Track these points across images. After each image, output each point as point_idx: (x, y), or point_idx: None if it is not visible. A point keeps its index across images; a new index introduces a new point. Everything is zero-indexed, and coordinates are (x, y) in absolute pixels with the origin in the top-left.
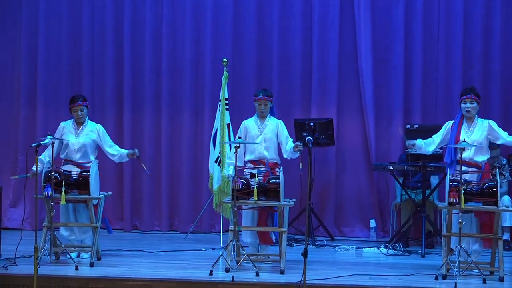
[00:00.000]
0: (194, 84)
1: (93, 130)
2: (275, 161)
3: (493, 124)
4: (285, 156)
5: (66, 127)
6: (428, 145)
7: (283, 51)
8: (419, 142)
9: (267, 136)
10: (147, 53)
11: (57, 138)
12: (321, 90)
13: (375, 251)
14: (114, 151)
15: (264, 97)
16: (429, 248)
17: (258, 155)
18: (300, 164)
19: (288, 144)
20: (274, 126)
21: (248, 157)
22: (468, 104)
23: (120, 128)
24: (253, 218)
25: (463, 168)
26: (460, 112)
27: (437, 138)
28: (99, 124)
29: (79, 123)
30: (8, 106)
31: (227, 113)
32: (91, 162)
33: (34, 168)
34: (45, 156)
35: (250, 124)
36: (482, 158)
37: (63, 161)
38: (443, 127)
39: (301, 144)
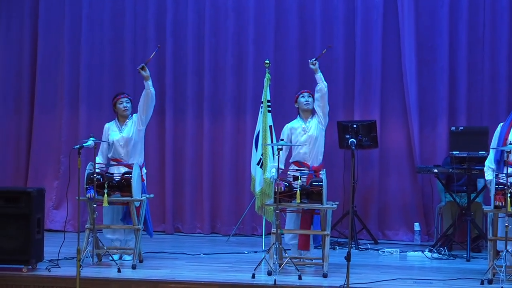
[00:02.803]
0: (236, 86)
1: (132, 121)
2: (319, 163)
3: None
4: (317, 89)
5: (110, 127)
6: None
7: (326, 52)
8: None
9: (312, 135)
10: (189, 54)
11: (100, 140)
12: (364, 91)
13: (419, 255)
14: (140, 109)
15: (307, 91)
16: (475, 252)
17: (302, 157)
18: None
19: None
20: (317, 124)
21: (291, 159)
22: None
23: (162, 130)
24: (297, 221)
25: (510, 170)
26: None
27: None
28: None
29: (123, 119)
30: (51, 108)
31: (269, 115)
32: (137, 162)
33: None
34: (100, 157)
35: (294, 125)
36: None
37: (110, 161)
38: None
39: (313, 59)
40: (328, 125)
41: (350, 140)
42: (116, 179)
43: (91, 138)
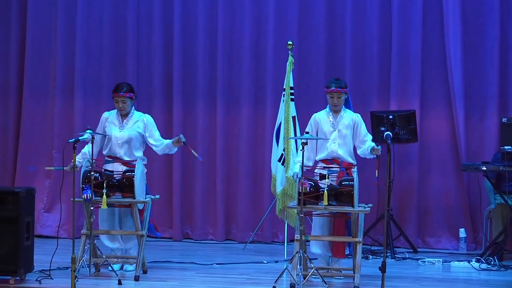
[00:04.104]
0: (254, 71)
1: (139, 121)
2: (351, 160)
3: None
4: (359, 152)
5: (109, 118)
6: None
7: (358, 33)
8: None
9: (342, 132)
10: (200, 36)
11: (98, 133)
12: (402, 78)
13: (465, 266)
14: (157, 141)
15: (337, 89)
16: None
17: (331, 154)
18: (376, 171)
19: (367, 144)
20: (350, 121)
21: (319, 156)
22: None
23: (169, 122)
24: (324, 226)
25: None
26: None
27: None
28: (147, 114)
29: (124, 114)
30: (42, 96)
31: (292, 104)
32: (135, 160)
33: (73, 161)
34: (89, 150)
35: (322, 118)
36: None
37: (105, 158)
38: None
39: (380, 148)
40: (362, 116)
41: (386, 133)
42: (117, 178)
43: (88, 131)
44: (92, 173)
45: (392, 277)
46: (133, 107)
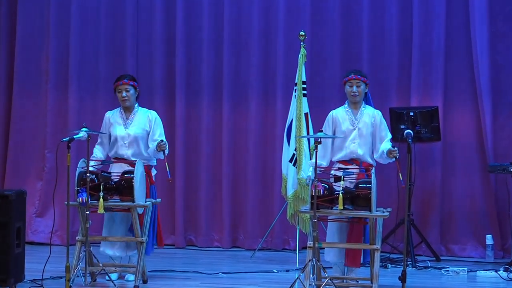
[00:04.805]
0: (263, 64)
1: (145, 118)
2: (371, 161)
3: None
4: (375, 157)
5: (112, 117)
6: None
7: (376, 22)
8: None
9: (363, 131)
10: (205, 25)
11: (96, 132)
12: (424, 71)
13: (492, 275)
14: (151, 143)
15: (356, 76)
16: None
17: (350, 154)
18: (400, 174)
19: (384, 144)
20: (371, 118)
21: (337, 156)
22: None
23: (171, 119)
24: (340, 232)
25: None
26: None
27: None
28: (153, 111)
29: (127, 110)
30: (33, 92)
31: (304, 99)
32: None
33: (68, 162)
34: (100, 150)
35: (341, 115)
36: None
37: (112, 160)
38: None
39: (397, 149)
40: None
41: (406, 131)
42: (115, 180)
43: (84, 129)
44: (88, 174)
45: (414, 287)
46: (137, 103)
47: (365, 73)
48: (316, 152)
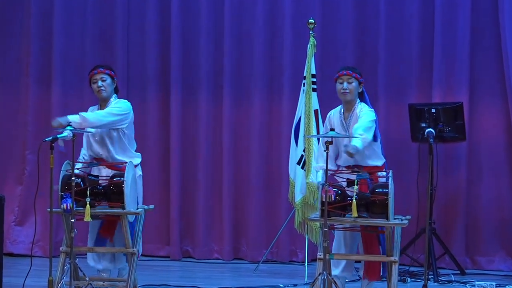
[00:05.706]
0: (268, 55)
1: None
2: (376, 163)
3: None
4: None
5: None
6: None
7: (394, 8)
8: None
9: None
10: (203, 13)
11: (81, 130)
12: (447, 64)
13: None
14: None
15: (347, 71)
16: None
17: (347, 161)
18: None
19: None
20: (358, 117)
21: (339, 161)
22: None
23: (165, 117)
24: (351, 242)
25: None
26: None
27: None
28: (125, 101)
29: (104, 103)
30: (12, 86)
31: (314, 95)
32: (125, 162)
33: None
34: (88, 151)
35: (335, 117)
36: None
37: (93, 160)
38: None
39: (352, 148)
40: (398, 109)
41: (427, 130)
42: (103, 184)
43: (68, 127)
44: (73, 178)
45: None
46: (114, 95)
47: (359, 71)
48: (327, 153)
